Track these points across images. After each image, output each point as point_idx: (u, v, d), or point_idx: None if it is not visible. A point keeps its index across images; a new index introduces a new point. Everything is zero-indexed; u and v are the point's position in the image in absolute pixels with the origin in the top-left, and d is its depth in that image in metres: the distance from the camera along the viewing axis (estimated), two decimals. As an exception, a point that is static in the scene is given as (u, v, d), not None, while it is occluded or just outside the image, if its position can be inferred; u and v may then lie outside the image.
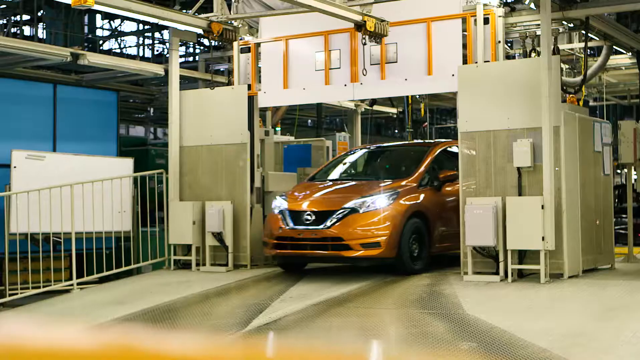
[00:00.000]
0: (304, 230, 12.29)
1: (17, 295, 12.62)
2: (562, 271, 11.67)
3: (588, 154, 12.72)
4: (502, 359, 7.98)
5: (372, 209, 12.20)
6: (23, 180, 13.08)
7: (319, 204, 12.59)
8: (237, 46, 14.99)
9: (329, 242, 12.13)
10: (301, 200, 12.79)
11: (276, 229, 12.58)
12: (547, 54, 11.75)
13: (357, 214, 12.13)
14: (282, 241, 12.55)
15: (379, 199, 12.32)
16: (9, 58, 15.55)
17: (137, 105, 23.57)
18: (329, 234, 12.07)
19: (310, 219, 12.27)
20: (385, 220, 12.14)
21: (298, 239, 12.37)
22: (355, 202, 12.26)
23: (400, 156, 15.27)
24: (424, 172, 13.19)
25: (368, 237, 12.03)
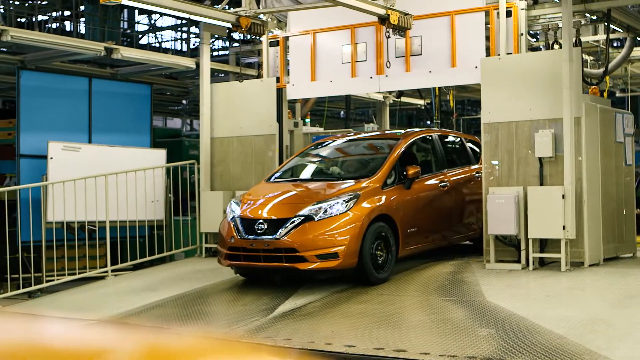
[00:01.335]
0: (256, 240, 10.84)
1: (54, 281, 12.74)
2: (582, 260, 11.59)
3: (609, 144, 12.61)
4: (519, 345, 7.94)
5: (328, 215, 10.77)
6: (59, 171, 13.19)
7: (272, 210, 11.13)
8: (266, 40, 15.02)
9: (283, 253, 10.68)
10: (254, 207, 11.30)
11: (228, 238, 11.18)
12: (568, 46, 11.64)
13: (312, 222, 10.72)
14: (235, 252, 11.12)
15: (336, 205, 10.89)
16: (46, 53, 15.70)
17: (172, 97, 23.65)
18: (282, 244, 10.66)
19: (262, 228, 10.84)
20: (343, 228, 10.72)
21: (250, 249, 10.92)
22: (310, 209, 10.84)
23: (368, 150, 13.51)
24: (389, 169, 11.78)
25: (324, 248, 10.59)
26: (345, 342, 8.54)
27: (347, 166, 13.00)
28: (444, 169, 13.04)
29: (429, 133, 13.56)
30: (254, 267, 11.22)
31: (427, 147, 13.35)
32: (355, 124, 22.77)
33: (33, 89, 14.06)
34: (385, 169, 11.67)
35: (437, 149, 13.23)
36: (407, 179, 11.80)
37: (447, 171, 13.08)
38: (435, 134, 13.64)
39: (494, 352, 7.79)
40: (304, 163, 13.27)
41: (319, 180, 12.18)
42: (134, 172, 13.75)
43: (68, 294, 12.38)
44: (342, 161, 13.33)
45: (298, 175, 12.83)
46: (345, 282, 11.08)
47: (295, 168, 13.06)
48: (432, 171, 12.80)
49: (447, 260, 12.64)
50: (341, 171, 12.66)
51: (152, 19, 36.25)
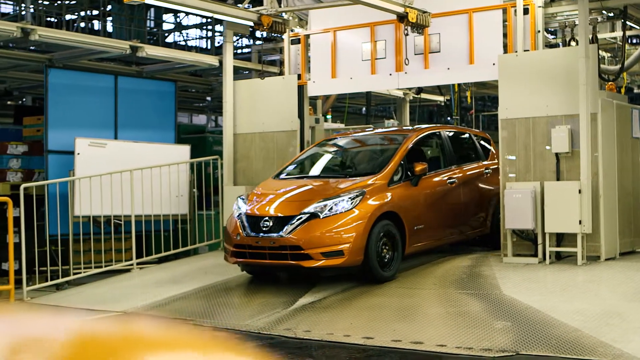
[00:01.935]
0: (262, 238, 10.56)
1: (81, 274, 12.82)
2: (598, 254, 11.53)
3: (626, 139, 12.54)
4: (534, 338, 7.92)
5: (334, 213, 10.46)
6: (86, 166, 13.25)
7: (277, 208, 10.85)
8: (288, 38, 15.04)
9: (288, 251, 10.38)
10: (260, 204, 11.05)
11: (234, 235, 10.89)
12: (584, 42, 11.57)
13: (318, 220, 10.43)
14: (241, 249, 10.84)
15: (342, 202, 10.58)
16: (73, 51, 15.80)
17: (197, 94, 23.72)
18: (287, 242, 10.36)
19: (268, 226, 10.54)
20: (349, 226, 10.42)
21: (256, 247, 10.65)
22: (315, 207, 10.53)
23: (376, 147, 13.04)
24: (396, 166, 11.41)
25: (330, 245, 10.28)
26: (363, 334, 8.56)
27: (354, 163, 12.72)
28: (452, 165, 12.72)
29: (436, 129, 13.26)
30: (259, 265, 11.00)
31: (435, 143, 13.11)
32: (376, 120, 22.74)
33: (61, 87, 14.13)
34: (392, 166, 11.34)
35: (445, 146, 12.87)
36: (415, 175, 11.48)
37: (456, 167, 12.75)
38: (443, 130, 13.28)
39: (509, 345, 7.78)
40: (311, 160, 12.94)
41: (326, 177, 11.89)
42: (158, 167, 13.80)
43: (94, 286, 12.46)
44: (349, 158, 13.02)
45: (305, 172, 12.50)
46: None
47: (303, 165, 12.77)
48: (440, 167, 12.51)
49: (465, 254, 12.61)
50: (348, 168, 12.44)
51: (177, 17, 36.36)
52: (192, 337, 0.92)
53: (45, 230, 13.08)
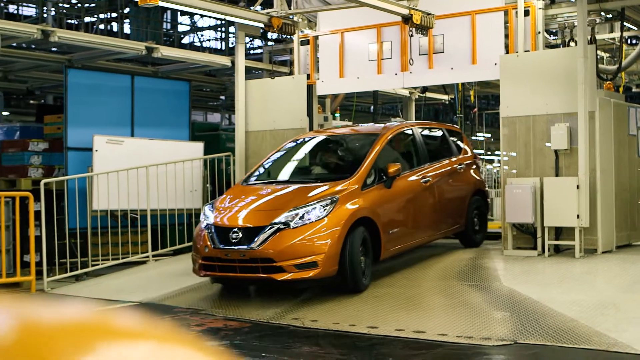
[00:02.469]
0: (232, 250, 9.64)
1: (99, 265, 12.89)
2: (595, 247, 11.54)
3: (623, 137, 12.54)
4: (532, 327, 7.94)
5: (305, 222, 9.54)
6: (104, 163, 13.30)
7: (246, 218, 9.90)
8: (297, 39, 15.06)
9: (259, 263, 9.50)
10: (228, 214, 10.10)
11: (203, 247, 9.97)
12: (582, 43, 11.57)
13: (289, 230, 9.51)
14: (210, 262, 9.94)
15: (314, 210, 9.66)
16: (91, 52, 15.88)
17: (211, 93, 23.77)
18: (258, 254, 9.45)
19: (237, 237, 9.62)
20: (322, 234, 9.49)
21: (226, 259, 9.75)
22: (286, 216, 9.61)
23: (347, 147, 12.07)
24: (369, 169, 10.47)
25: (303, 257, 9.35)
26: (368, 323, 8.59)
27: (325, 166, 11.85)
28: (425, 163, 11.78)
29: (408, 127, 12.31)
30: (229, 278, 10.15)
31: (407, 141, 12.10)
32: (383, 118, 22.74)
33: (80, 86, 14.18)
34: (365, 169, 10.41)
35: (417, 143, 11.95)
36: (388, 177, 10.53)
37: (429, 165, 11.82)
38: (415, 127, 12.38)
39: (508, 334, 7.81)
40: (281, 163, 12.02)
41: (296, 182, 10.87)
42: (173, 163, 13.85)
43: (112, 277, 12.53)
44: (320, 160, 12.09)
45: (274, 176, 11.58)
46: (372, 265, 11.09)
47: (271, 168, 11.84)
48: (414, 167, 11.57)
49: (468, 247, 12.64)
50: (319, 172, 11.54)
51: (193, 19, 36.43)
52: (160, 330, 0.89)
53: (64, 224, 13.15)
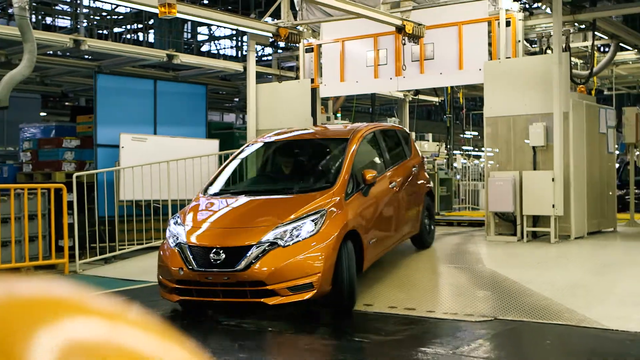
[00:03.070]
0: (214, 273, 7.67)
1: (125, 249, 12.92)
2: (569, 233, 11.54)
3: (594, 135, 12.52)
4: (510, 305, 7.93)
5: (297, 239, 7.76)
6: (129, 158, 13.32)
7: (228, 236, 7.91)
8: (302, 47, 15.07)
9: (248, 287, 7.64)
10: (203, 231, 8.11)
11: (175, 269, 7.87)
12: (558, 51, 11.56)
13: (279, 249, 7.69)
14: (185, 285, 7.89)
15: (305, 226, 7.87)
16: (118, 59, 15.88)
17: (226, 96, 23.78)
18: (247, 277, 7.58)
19: (219, 259, 7.66)
20: (316, 253, 7.73)
21: (206, 283, 7.77)
22: (275, 233, 7.77)
23: (317, 153, 10.11)
24: (348, 177, 8.67)
25: (297, 278, 7.60)
26: (363, 301, 8.58)
27: (299, 174, 9.63)
28: (389, 167, 9.96)
29: (371, 129, 10.14)
30: (211, 304, 8.15)
31: (373, 145, 10.10)
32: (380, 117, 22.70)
33: (108, 90, 14.20)
34: (344, 178, 8.62)
35: (381, 147, 10.15)
36: (365, 185, 8.77)
37: (393, 170, 10.01)
38: (376, 129, 10.33)
39: (489, 311, 7.80)
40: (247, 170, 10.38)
41: (271, 192, 8.91)
42: (191, 159, 13.86)
43: (136, 260, 12.55)
44: (289, 168, 9.94)
45: (243, 186, 9.84)
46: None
47: (237, 177, 10.04)
48: (381, 171, 9.61)
49: (455, 234, 12.64)
50: (292, 181, 9.34)
51: (210, 30, 36.43)
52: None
53: (95, 213, 13.18)
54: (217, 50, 37.87)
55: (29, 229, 11.46)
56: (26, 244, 11.38)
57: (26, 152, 15.09)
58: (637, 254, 10.33)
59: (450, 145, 22.56)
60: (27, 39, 10.66)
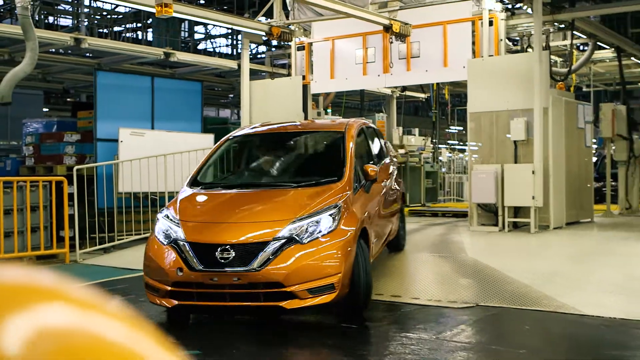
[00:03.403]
0: (222, 274, 6.41)
1: (124, 239, 12.87)
2: (548, 223, 11.56)
3: (572, 129, 12.54)
4: (492, 292, 7.93)
5: (317, 236, 6.60)
6: (128, 152, 13.26)
7: (237, 231, 6.65)
8: (294, 45, 15.02)
9: (262, 289, 6.40)
10: (206, 225, 6.85)
11: (171, 270, 6.56)
12: (538, 49, 11.55)
13: (298, 247, 6.51)
14: (184, 288, 6.58)
15: (323, 221, 6.73)
16: (117, 57, 15.79)
17: (221, 92, 23.69)
18: (261, 278, 6.36)
19: (228, 257, 6.42)
20: (335, 250, 6.61)
21: (211, 285, 6.48)
22: (291, 228, 6.59)
23: (311, 144, 9.10)
24: (353, 170, 7.64)
25: (318, 278, 6.45)
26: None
27: (295, 167, 8.57)
28: (378, 165, 8.78)
29: (360, 125, 8.89)
30: (214, 309, 6.76)
31: (364, 140, 8.97)
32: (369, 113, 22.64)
33: (107, 86, 14.12)
34: (350, 171, 7.59)
35: (369, 143, 9.12)
36: (367, 180, 7.82)
37: (380, 167, 8.78)
38: (364, 125, 9.15)
39: (471, 298, 7.80)
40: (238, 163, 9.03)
41: (270, 185, 7.76)
42: (187, 152, 13.81)
43: (134, 249, 12.48)
44: (286, 160, 8.80)
45: (237, 179, 8.51)
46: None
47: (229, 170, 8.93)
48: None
49: (440, 224, 12.63)
50: (291, 174, 8.25)
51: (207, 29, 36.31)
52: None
53: (94, 204, 13.11)
54: (213, 48, 37.76)
55: (31, 220, 11.40)
56: (28, 235, 11.32)
57: (29, 146, 15.01)
58: (612, 243, 10.35)
59: (436, 140, 22.53)
60: (29, 38, 10.59)
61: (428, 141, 21.63)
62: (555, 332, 6.53)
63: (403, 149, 19.41)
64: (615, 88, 24.05)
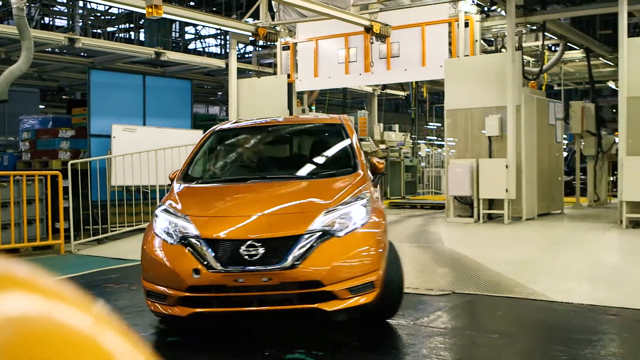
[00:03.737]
0: (248, 274, 5.21)
1: (117, 231, 12.81)
2: (521, 215, 11.60)
3: (543, 126, 12.58)
4: (467, 280, 7.96)
5: (352, 228, 5.48)
6: (120, 147, 13.19)
7: (264, 224, 5.47)
8: (280, 45, 14.98)
9: (296, 290, 5.26)
10: (224, 220, 5.62)
11: (185, 272, 5.31)
12: (511, 50, 11.57)
13: (335, 240, 5.38)
14: (202, 293, 5.33)
15: (356, 211, 5.62)
16: (110, 56, 15.71)
17: (210, 90, 23.62)
18: (296, 277, 5.21)
19: (256, 254, 5.21)
20: (371, 245, 5.54)
21: (234, 287, 5.27)
22: (323, 220, 5.45)
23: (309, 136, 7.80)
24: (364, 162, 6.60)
25: (357, 276, 5.35)
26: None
27: (303, 159, 7.36)
28: None
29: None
30: (239, 316, 5.47)
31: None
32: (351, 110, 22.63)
33: (100, 84, 14.03)
34: (363, 162, 6.57)
35: None
36: (376, 174, 6.67)
37: None
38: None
39: (447, 286, 7.83)
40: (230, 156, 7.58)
41: (284, 177, 6.48)
42: (177, 147, 13.75)
43: (127, 241, 12.44)
44: (286, 152, 7.80)
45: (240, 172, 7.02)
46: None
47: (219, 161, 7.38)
48: None
49: (418, 216, 12.66)
50: (298, 165, 7.05)
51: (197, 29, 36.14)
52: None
53: (88, 197, 13.05)
54: (202, 48, 37.60)
55: (27, 212, 11.33)
56: (25, 226, 11.25)
57: (25, 142, 14.90)
58: (581, 233, 10.41)
59: (415, 135, 22.59)
60: (25, 37, 10.51)
61: (407, 137, 21.67)
62: (527, 318, 6.58)
63: (384, 144, 19.42)
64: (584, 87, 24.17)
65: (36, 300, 0.72)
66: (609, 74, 19.45)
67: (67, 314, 0.73)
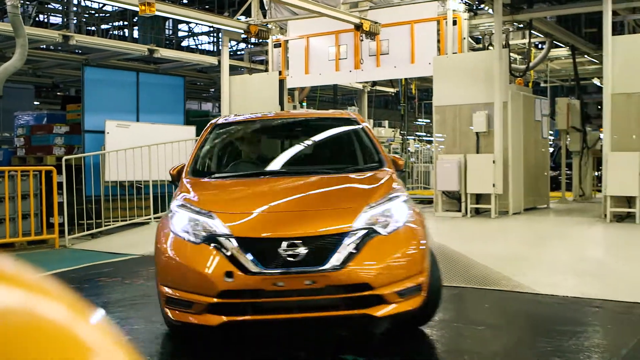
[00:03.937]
0: (290, 276, 4.47)
1: (110, 225, 12.77)
2: (507, 209, 11.62)
3: (530, 122, 12.60)
4: (456, 273, 7.96)
5: (395, 225, 4.81)
6: (114, 143, 13.15)
7: (305, 221, 4.75)
8: (271, 42, 14.94)
9: (342, 294, 4.55)
10: (257, 216, 4.85)
11: (216, 276, 4.50)
12: (498, 47, 11.58)
13: (381, 238, 4.70)
14: (234, 299, 4.54)
15: (398, 208, 4.95)
16: (104, 53, 15.62)
17: (203, 87, 23.55)
18: (345, 280, 4.50)
19: (297, 254, 4.47)
20: (417, 244, 4.89)
21: (273, 292, 4.50)
22: (367, 217, 4.76)
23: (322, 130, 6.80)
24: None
25: (405, 279, 4.69)
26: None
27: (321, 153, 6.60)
28: None
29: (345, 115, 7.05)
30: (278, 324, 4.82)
31: None
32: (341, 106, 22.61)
33: (94, 81, 13.97)
34: (387, 158, 6.01)
35: None
36: (397, 171, 5.92)
37: None
38: None
39: (435, 279, 7.81)
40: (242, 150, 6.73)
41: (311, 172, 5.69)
42: (170, 143, 13.71)
43: (121, 235, 12.41)
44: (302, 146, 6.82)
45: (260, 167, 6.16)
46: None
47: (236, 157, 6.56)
48: None
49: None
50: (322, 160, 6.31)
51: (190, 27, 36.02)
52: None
53: (82, 192, 13.00)
54: (195, 45, 37.49)
55: (22, 207, 11.27)
56: (20, 221, 11.19)
57: (20, 138, 14.82)
58: (566, 227, 10.43)
59: (405, 131, 22.57)
60: (20, 34, 10.46)
61: (397, 133, 21.68)
62: (513, 310, 6.59)
63: (374, 140, 19.36)
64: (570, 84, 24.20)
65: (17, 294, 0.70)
66: (594, 71, 19.47)
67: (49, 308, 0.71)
